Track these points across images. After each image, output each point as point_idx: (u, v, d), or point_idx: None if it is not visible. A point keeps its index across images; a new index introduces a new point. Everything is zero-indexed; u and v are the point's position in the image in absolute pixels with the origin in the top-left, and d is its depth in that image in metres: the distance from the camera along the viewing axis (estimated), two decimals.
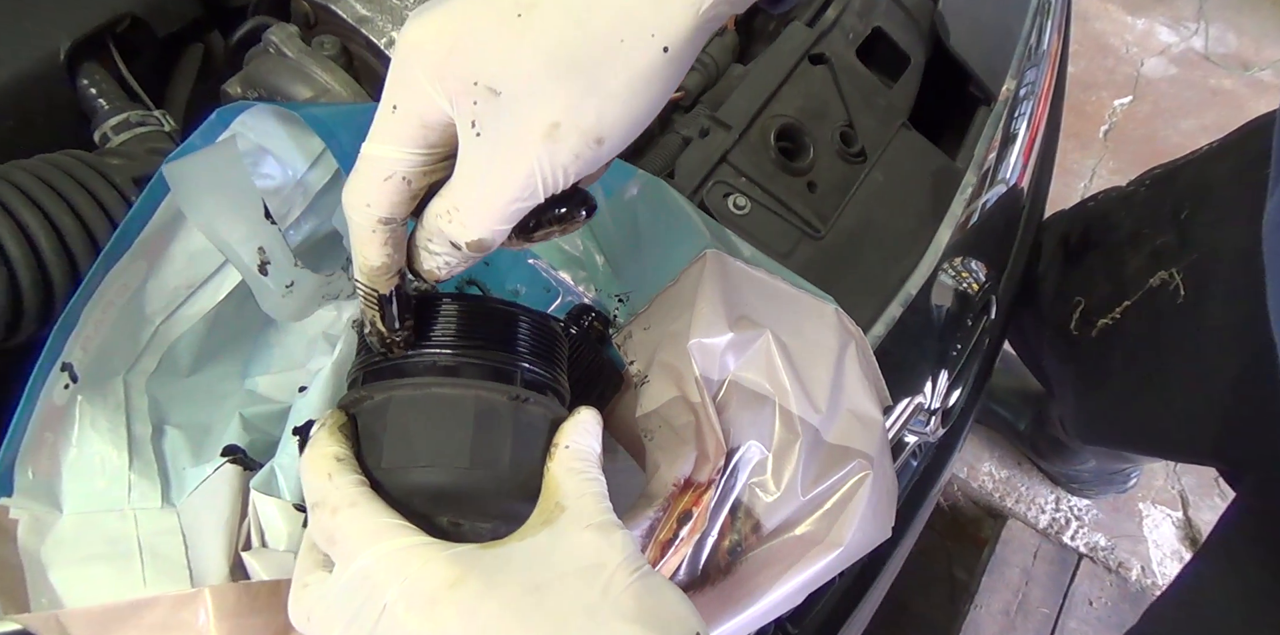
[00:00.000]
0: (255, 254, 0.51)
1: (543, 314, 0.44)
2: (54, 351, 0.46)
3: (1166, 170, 0.96)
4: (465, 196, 0.35)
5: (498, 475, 0.38)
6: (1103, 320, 0.93)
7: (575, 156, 0.34)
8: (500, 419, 0.39)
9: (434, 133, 0.35)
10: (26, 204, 0.48)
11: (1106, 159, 2.12)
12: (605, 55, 0.32)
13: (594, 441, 0.40)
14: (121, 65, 0.64)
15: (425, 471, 0.38)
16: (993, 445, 1.71)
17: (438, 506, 0.38)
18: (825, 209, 0.68)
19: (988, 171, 0.78)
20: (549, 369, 0.42)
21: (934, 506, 1.64)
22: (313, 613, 0.35)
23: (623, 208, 0.58)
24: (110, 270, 0.48)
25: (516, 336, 0.41)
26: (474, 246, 0.36)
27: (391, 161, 0.35)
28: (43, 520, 0.46)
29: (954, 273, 0.69)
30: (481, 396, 0.39)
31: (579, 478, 0.38)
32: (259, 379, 0.55)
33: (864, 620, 0.80)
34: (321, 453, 0.38)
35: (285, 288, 0.53)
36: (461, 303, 0.41)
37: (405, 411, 0.39)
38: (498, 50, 0.33)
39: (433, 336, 0.40)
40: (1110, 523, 1.65)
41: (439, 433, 0.38)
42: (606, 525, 0.36)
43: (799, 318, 0.53)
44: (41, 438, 0.47)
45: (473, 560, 0.34)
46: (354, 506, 0.36)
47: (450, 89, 0.33)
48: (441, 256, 0.37)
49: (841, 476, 0.50)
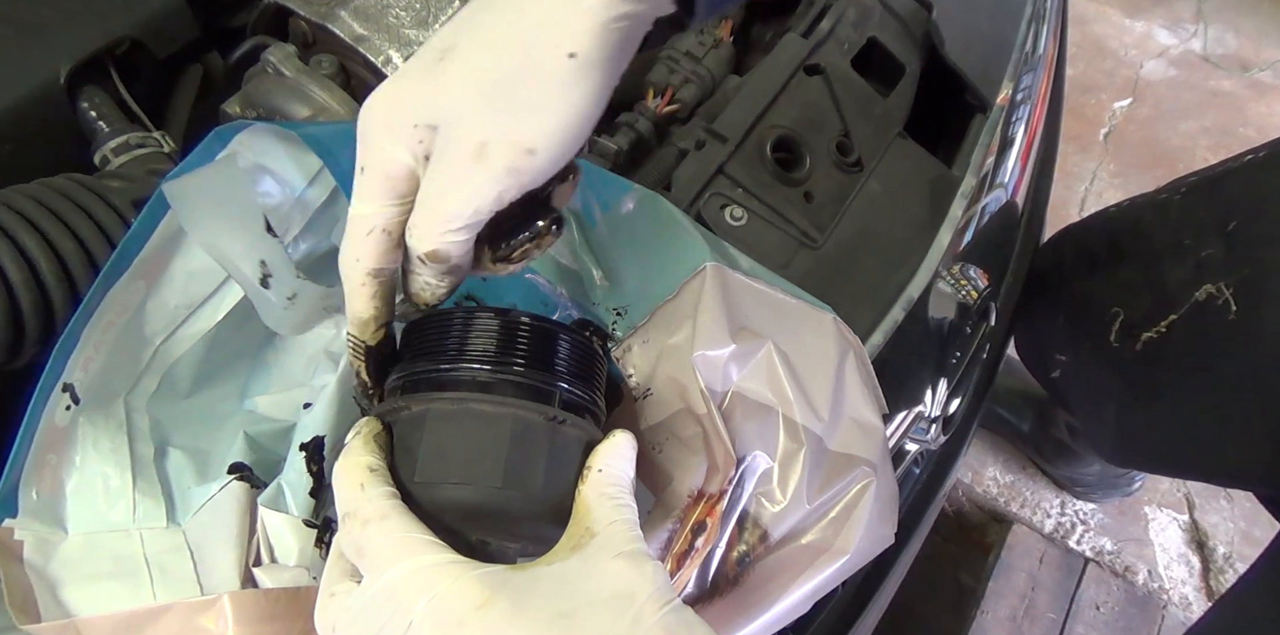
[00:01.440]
0: (257, 267, 0.52)
1: (584, 335, 0.44)
2: (55, 372, 0.47)
3: (1204, 178, 0.93)
4: (420, 215, 0.39)
5: (529, 496, 0.38)
6: (1147, 333, 0.90)
7: (508, 169, 0.36)
8: (536, 439, 0.39)
9: (400, 183, 0.39)
10: (27, 228, 0.48)
11: (1107, 162, 2.12)
12: (519, 72, 0.36)
13: (628, 466, 0.40)
14: (121, 87, 0.65)
15: (458, 488, 0.38)
16: (997, 450, 1.70)
17: (468, 524, 0.38)
18: (822, 219, 0.68)
19: (985, 177, 0.78)
20: (587, 390, 0.42)
21: (939, 512, 1.65)
22: (338, 623, 0.35)
23: (619, 222, 0.59)
24: (110, 290, 0.49)
25: (557, 356, 0.41)
26: (431, 257, 0.39)
27: (369, 216, 0.39)
28: (48, 541, 0.46)
29: (953, 280, 0.69)
30: (519, 415, 0.39)
31: (610, 503, 0.38)
32: (258, 399, 0.55)
33: (870, 627, 0.79)
34: (355, 462, 0.38)
35: (288, 300, 0.53)
36: (505, 318, 0.41)
37: (442, 426, 0.39)
38: (427, 91, 0.37)
39: (474, 351, 0.40)
40: (1116, 526, 1.64)
41: (474, 450, 0.38)
42: (637, 555, 0.36)
43: (799, 328, 0.53)
44: (44, 459, 0.47)
45: (502, 582, 0.34)
46: (385, 519, 0.36)
47: (399, 136, 0.38)
48: (421, 277, 0.40)
49: (846, 484, 0.50)
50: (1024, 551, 1.57)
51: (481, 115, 0.36)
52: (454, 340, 0.40)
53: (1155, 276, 0.90)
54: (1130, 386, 0.94)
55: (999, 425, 1.64)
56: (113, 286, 0.49)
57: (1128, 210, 1.02)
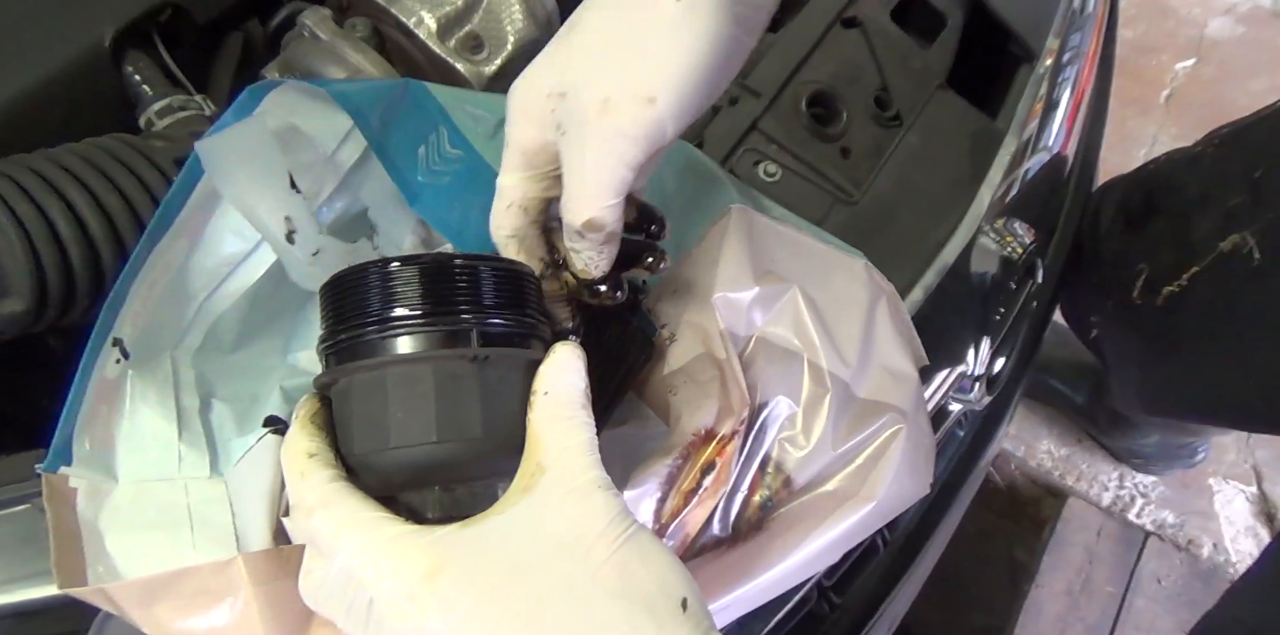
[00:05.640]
0: (282, 223, 0.52)
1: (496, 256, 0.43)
2: (105, 327, 0.48)
3: (1235, 129, 0.92)
4: (570, 186, 0.41)
5: (473, 441, 0.37)
6: (1168, 287, 0.90)
7: (633, 121, 0.38)
8: (462, 384, 0.37)
9: (535, 156, 0.42)
10: (75, 185, 0.50)
11: (1168, 125, 2.04)
12: (631, 26, 0.38)
13: (575, 379, 0.38)
14: (164, 53, 0.66)
15: (398, 453, 0.37)
16: (1051, 422, 1.66)
17: (423, 481, 0.38)
18: (859, 174, 0.67)
19: (1030, 138, 0.76)
20: (515, 315, 0.40)
21: (991, 486, 1.62)
22: (317, 598, 0.36)
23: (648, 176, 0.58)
24: (154, 248, 0.50)
25: (465, 291, 0.39)
26: (588, 226, 0.41)
27: (509, 189, 0.43)
28: (100, 489, 0.47)
29: (997, 236, 0.67)
30: (437, 366, 0.37)
31: (562, 427, 0.37)
32: (299, 354, 0.56)
33: (912, 591, 0.79)
34: (293, 451, 0.38)
35: (311, 256, 0.54)
36: (405, 264, 0.39)
37: (367, 394, 0.38)
38: (557, 62, 0.40)
39: (380, 308, 0.38)
40: (1179, 499, 1.60)
41: (402, 412, 0.37)
42: (587, 488, 0.35)
43: (827, 272, 0.52)
44: (96, 410, 0.48)
45: (450, 545, 0.34)
46: (327, 506, 0.36)
47: (534, 109, 0.41)
48: (582, 253, 0.43)
49: (874, 431, 0.49)
50: (1080, 525, 1.53)
51: (600, 72, 0.38)
52: (359, 300, 0.39)
53: (1182, 230, 0.89)
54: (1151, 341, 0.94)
55: (1053, 397, 1.60)
56: (157, 245, 0.50)
57: (1164, 165, 1.00)
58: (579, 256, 0.43)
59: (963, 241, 0.65)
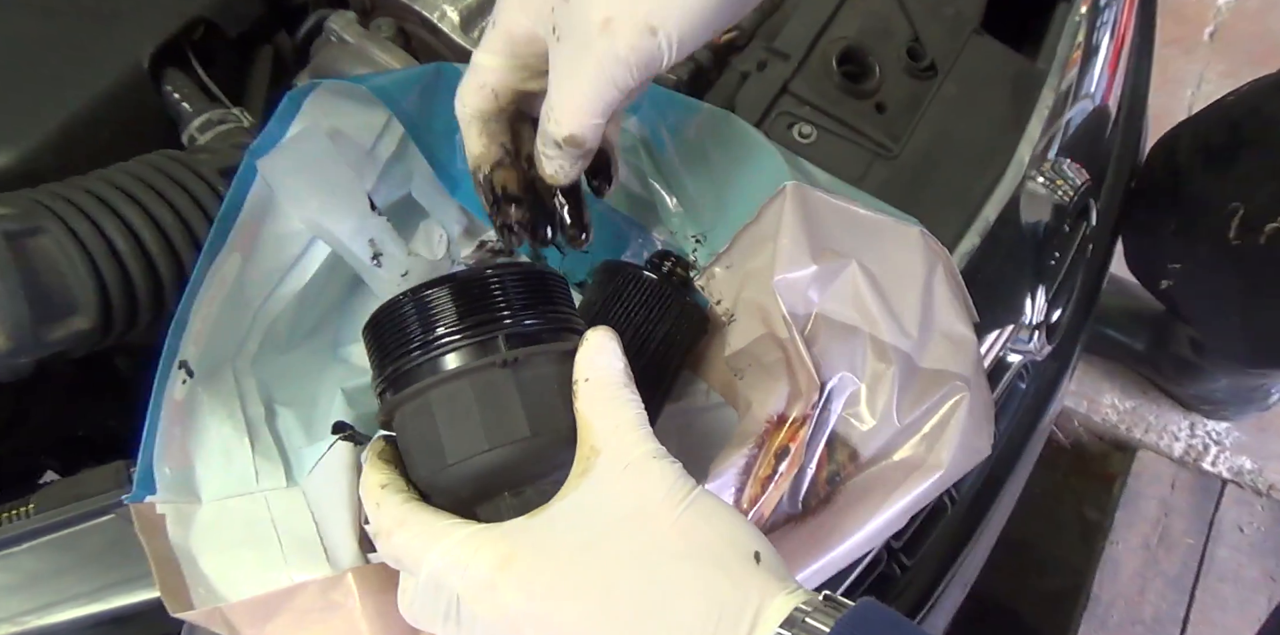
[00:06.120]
0: (367, 246, 0.54)
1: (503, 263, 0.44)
2: (171, 352, 0.49)
3: None
4: (555, 96, 0.41)
5: (522, 443, 0.38)
6: (1271, 224, 0.86)
7: (631, 47, 0.37)
8: (500, 390, 0.39)
9: (520, 45, 0.42)
10: (127, 201, 0.51)
11: (1214, 63, 1.96)
12: None
13: (612, 360, 0.39)
14: (200, 70, 0.68)
15: (457, 468, 0.38)
16: (1112, 375, 1.62)
17: (490, 490, 0.39)
18: (896, 128, 0.66)
19: (1071, 87, 0.73)
20: (538, 313, 0.41)
21: (1055, 445, 1.58)
22: (413, 613, 0.38)
23: (689, 145, 0.58)
24: (211, 266, 0.50)
25: (486, 300, 0.40)
26: (569, 141, 0.41)
27: (485, 68, 0.43)
28: (185, 512, 0.48)
29: (1046, 179, 0.65)
30: (473, 378, 0.39)
31: (607, 407, 0.37)
32: (351, 348, 0.57)
33: (982, 554, 0.78)
34: (367, 484, 0.40)
35: (400, 277, 0.55)
36: (415, 294, 0.41)
37: (418, 422, 0.40)
38: None
39: (411, 337, 0.40)
40: (1255, 444, 1.55)
41: (451, 429, 0.39)
42: (642, 461, 0.36)
43: (883, 244, 0.52)
44: (171, 434, 0.49)
45: (519, 534, 0.35)
46: (402, 526, 0.37)
47: (534, 2, 0.40)
48: (555, 160, 0.43)
49: (937, 401, 0.49)
50: (1152, 478, 1.50)
51: None
52: (391, 335, 0.41)
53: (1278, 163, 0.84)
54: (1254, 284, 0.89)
55: (1112, 348, 1.56)
56: (213, 261, 0.51)
57: (1246, 96, 0.95)
58: (550, 163, 0.43)
59: (1010, 188, 0.64)
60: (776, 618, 0.31)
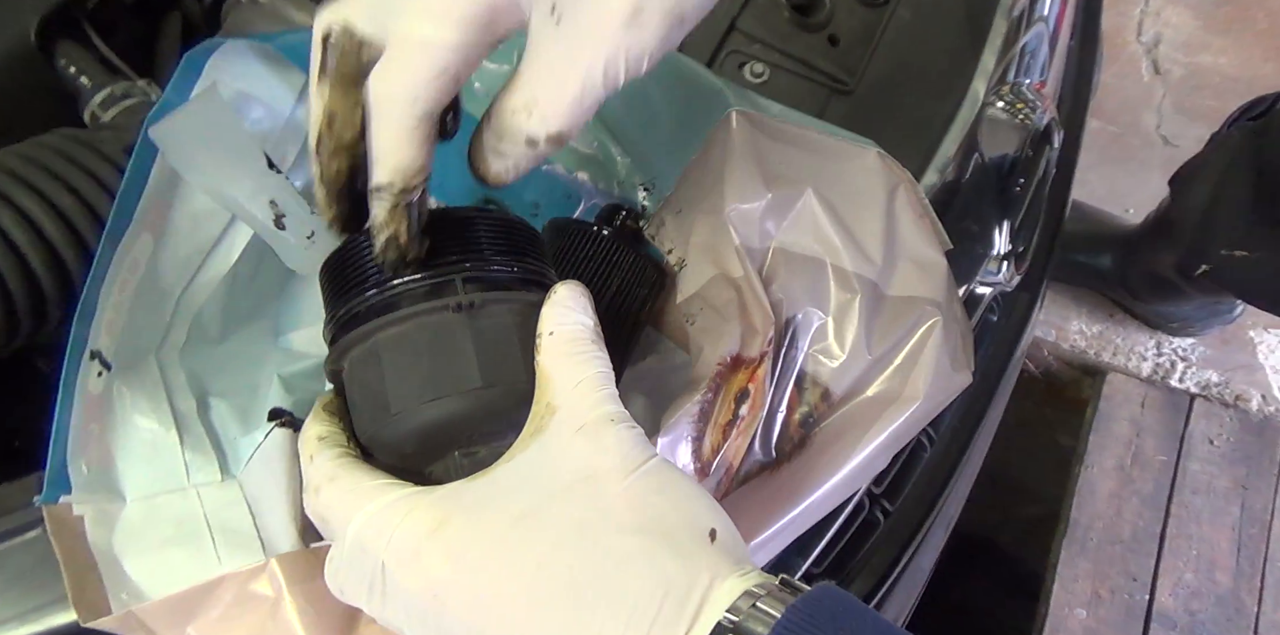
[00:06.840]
0: (268, 208, 0.49)
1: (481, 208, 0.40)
2: (79, 341, 0.45)
3: None
4: (545, 89, 0.34)
5: (472, 395, 0.35)
6: None
7: (662, 40, 0.33)
8: (454, 336, 0.35)
9: (501, 15, 0.33)
10: (22, 188, 0.47)
11: None
12: None
13: (580, 316, 0.36)
14: (98, 41, 0.62)
15: (398, 420, 0.35)
16: (1078, 302, 1.63)
17: (438, 447, 0.36)
18: (851, 61, 0.63)
19: (1025, 6, 0.71)
20: (506, 261, 0.38)
21: (1026, 375, 1.59)
22: (340, 586, 0.34)
23: (631, 91, 0.54)
24: (117, 248, 0.47)
25: (452, 241, 0.37)
26: (554, 140, 0.34)
27: (442, 49, 0.32)
28: (107, 511, 0.45)
29: (1006, 103, 0.63)
30: (425, 321, 0.35)
31: (570, 362, 0.34)
32: (291, 335, 0.54)
33: (964, 491, 0.77)
34: (305, 436, 0.37)
35: (306, 239, 0.51)
36: None
37: (364, 371, 0.36)
38: None
39: (364, 278, 0.37)
40: (1220, 357, 1.57)
41: (397, 376, 0.35)
42: (598, 423, 0.33)
43: (840, 168, 0.49)
44: (88, 430, 0.45)
45: (456, 498, 0.32)
46: (332, 481, 0.34)
47: None
48: (511, 158, 0.35)
49: (909, 329, 0.47)
50: (1123, 399, 1.52)
51: None
52: (351, 271, 0.37)
53: None
54: None
55: (1076, 272, 1.56)
56: (119, 244, 0.47)
57: None
58: (500, 160, 0.35)
59: (970, 115, 0.61)
60: (726, 600, 0.29)
